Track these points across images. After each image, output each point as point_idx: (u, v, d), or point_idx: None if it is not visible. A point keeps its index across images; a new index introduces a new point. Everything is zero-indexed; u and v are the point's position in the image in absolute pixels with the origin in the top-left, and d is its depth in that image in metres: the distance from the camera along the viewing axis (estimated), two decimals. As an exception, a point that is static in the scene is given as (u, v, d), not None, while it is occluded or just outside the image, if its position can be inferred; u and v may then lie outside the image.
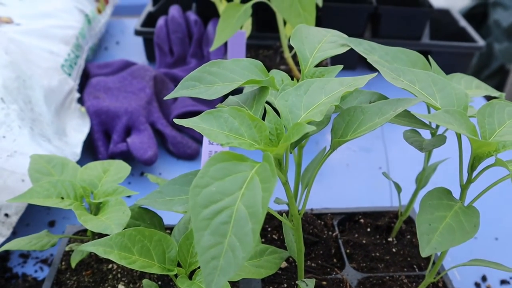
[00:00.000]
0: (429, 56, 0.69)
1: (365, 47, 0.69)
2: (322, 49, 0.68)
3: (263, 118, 0.54)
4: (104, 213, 0.68)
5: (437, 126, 0.67)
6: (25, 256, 0.94)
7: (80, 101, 1.25)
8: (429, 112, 0.68)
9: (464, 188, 0.58)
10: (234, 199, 0.44)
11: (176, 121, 0.56)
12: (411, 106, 0.51)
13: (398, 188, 0.75)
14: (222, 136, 0.53)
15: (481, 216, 1.03)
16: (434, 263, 0.67)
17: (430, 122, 0.62)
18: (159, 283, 0.73)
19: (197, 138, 1.22)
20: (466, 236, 0.48)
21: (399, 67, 0.61)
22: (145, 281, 0.65)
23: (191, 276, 0.61)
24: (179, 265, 0.62)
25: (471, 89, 0.72)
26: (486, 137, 0.53)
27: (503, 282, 0.88)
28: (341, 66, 0.65)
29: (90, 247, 0.58)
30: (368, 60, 0.64)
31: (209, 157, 0.83)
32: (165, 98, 0.60)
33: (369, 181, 1.11)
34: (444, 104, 0.57)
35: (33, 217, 1.01)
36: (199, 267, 0.61)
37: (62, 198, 0.70)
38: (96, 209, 0.71)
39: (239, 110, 0.54)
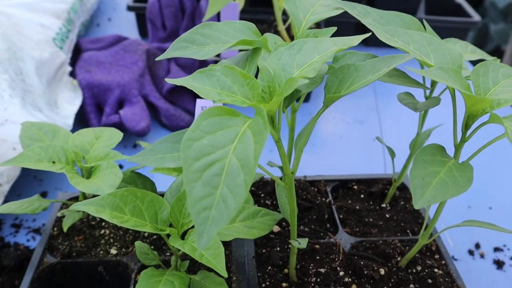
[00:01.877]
0: (423, 20, 0.68)
1: (359, 10, 0.68)
2: (315, 12, 0.67)
3: (256, 78, 0.53)
4: (96, 177, 0.68)
5: (432, 86, 0.66)
6: (17, 226, 0.93)
7: (72, 75, 1.24)
8: (423, 76, 0.68)
9: (458, 147, 0.57)
10: (226, 152, 0.44)
11: (168, 80, 0.55)
12: (404, 61, 0.51)
13: (392, 153, 0.75)
14: (214, 94, 0.53)
15: (475, 186, 1.03)
16: (427, 226, 0.66)
17: (424, 82, 0.62)
18: (152, 247, 0.73)
19: (190, 111, 1.21)
20: (459, 189, 0.48)
21: (393, 28, 0.60)
22: (137, 243, 0.65)
23: (183, 236, 0.61)
24: (171, 226, 0.62)
25: (466, 53, 0.72)
26: (481, 95, 0.53)
27: (496, 249, 0.88)
28: (335, 28, 0.64)
29: (82, 206, 0.57)
30: (362, 22, 0.63)
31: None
32: (157, 58, 0.59)
33: (363, 152, 1.11)
34: (438, 63, 0.56)
35: (24, 188, 1.00)
36: (191, 228, 0.61)
37: (54, 162, 0.69)
38: (88, 174, 0.71)
39: (232, 69, 0.53)
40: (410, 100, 0.64)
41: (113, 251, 0.72)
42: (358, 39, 0.56)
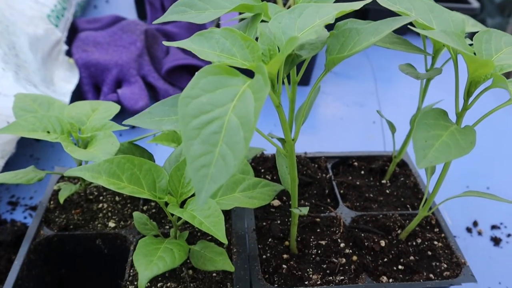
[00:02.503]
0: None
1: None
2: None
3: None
4: (93, 146, 0.67)
5: (434, 57, 0.66)
6: (13, 203, 0.93)
7: (69, 55, 1.23)
8: (424, 45, 0.67)
9: (459, 115, 0.57)
10: (225, 110, 0.43)
11: (165, 43, 0.54)
12: (407, 22, 0.50)
13: (392, 128, 0.75)
14: (213, 56, 0.52)
15: (473, 167, 1.03)
16: (427, 199, 0.66)
17: (425, 47, 0.61)
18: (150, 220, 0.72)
19: (189, 92, 1.20)
20: (462, 151, 0.47)
21: (395, -5, 0.60)
22: (135, 213, 0.64)
23: (182, 206, 0.60)
24: (170, 195, 0.61)
25: (467, 26, 0.71)
26: (484, 60, 0.52)
27: (493, 227, 0.88)
28: (336, -6, 0.63)
29: (78, 172, 0.56)
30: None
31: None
32: (154, 22, 0.58)
33: (362, 134, 1.10)
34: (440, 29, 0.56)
35: (20, 166, 0.99)
36: (190, 197, 0.60)
37: (48, 132, 0.68)
38: (84, 145, 0.70)
39: (231, 31, 0.52)
40: (412, 70, 0.63)
41: (111, 224, 0.72)
42: (359, 4, 0.55)
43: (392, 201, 0.76)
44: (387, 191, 0.78)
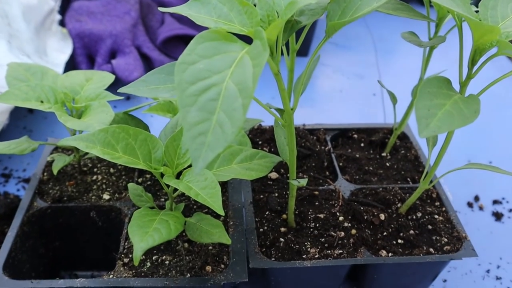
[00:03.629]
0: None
1: None
2: None
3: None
4: (87, 116, 0.65)
5: (438, 25, 0.64)
6: (6, 176, 0.91)
7: (62, 25, 1.20)
8: (428, 13, 0.65)
9: (463, 85, 0.55)
10: (223, 77, 0.42)
11: (160, 9, 0.52)
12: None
13: (394, 99, 0.73)
14: (209, 21, 0.50)
15: (475, 140, 1.02)
16: (428, 172, 0.65)
17: (429, 14, 0.59)
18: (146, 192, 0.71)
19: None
20: (465, 121, 0.45)
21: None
22: (130, 185, 0.63)
23: (178, 177, 0.59)
24: (166, 166, 0.60)
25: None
26: (491, 27, 0.50)
27: (495, 202, 0.87)
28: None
29: (72, 141, 0.55)
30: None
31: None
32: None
33: (362, 106, 1.08)
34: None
35: (13, 138, 0.97)
36: (186, 168, 0.58)
37: (42, 102, 0.66)
38: (78, 115, 0.68)
39: (229, -5, 0.50)
40: (414, 38, 0.61)
41: (106, 196, 0.70)
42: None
43: (392, 174, 0.75)
44: (387, 164, 0.76)
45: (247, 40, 0.47)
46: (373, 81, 1.16)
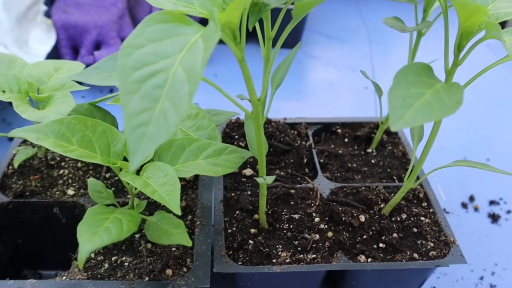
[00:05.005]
0: None
1: None
2: None
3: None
4: (48, 107, 0.61)
5: (426, 11, 0.59)
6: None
7: (48, 16, 1.16)
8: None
9: (449, 73, 0.50)
10: (172, 62, 0.38)
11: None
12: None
13: (379, 91, 0.68)
14: (167, 3, 0.46)
15: (472, 136, 0.96)
16: (413, 169, 0.59)
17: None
18: (112, 188, 0.66)
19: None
20: (445, 112, 0.40)
21: None
22: (90, 180, 0.58)
23: (139, 172, 0.54)
24: (126, 160, 0.55)
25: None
26: (478, 8, 0.45)
27: (492, 202, 0.81)
28: None
29: (22, 132, 0.50)
30: None
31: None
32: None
33: (353, 100, 1.03)
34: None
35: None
36: (148, 162, 0.54)
37: (4, 91, 0.62)
38: (43, 106, 0.64)
39: (190, -26, 0.46)
40: (397, 23, 0.56)
41: (70, 191, 0.66)
42: None
43: (377, 172, 0.70)
44: (373, 161, 0.71)
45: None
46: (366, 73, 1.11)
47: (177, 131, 0.62)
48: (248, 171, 0.67)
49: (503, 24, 0.46)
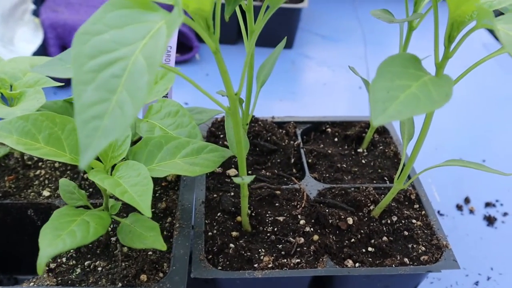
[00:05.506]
0: None
1: None
2: None
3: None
4: (19, 103, 0.58)
5: (416, 4, 0.56)
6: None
7: (37, 15, 1.14)
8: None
9: (439, 66, 0.47)
10: (132, 49, 0.35)
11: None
12: None
13: (369, 86, 0.64)
14: None
15: (467, 136, 0.93)
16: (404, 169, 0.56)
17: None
18: (90, 189, 0.64)
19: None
20: (434, 105, 0.37)
21: None
22: (62, 180, 0.55)
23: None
24: (98, 160, 0.52)
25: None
26: None
27: (488, 204, 0.78)
28: None
29: (-18, 129, 0.48)
30: None
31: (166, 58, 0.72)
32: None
33: (348, 100, 1.00)
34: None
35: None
36: (121, 161, 0.51)
37: (-26, 88, 0.59)
38: (16, 103, 0.61)
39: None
40: (385, 15, 0.53)
41: (46, 193, 0.63)
42: None
43: (368, 172, 0.66)
44: (363, 161, 0.68)
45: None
46: (360, 73, 1.08)
47: (156, 129, 0.59)
48: (232, 171, 0.64)
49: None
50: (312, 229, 0.56)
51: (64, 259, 0.54)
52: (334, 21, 1.30)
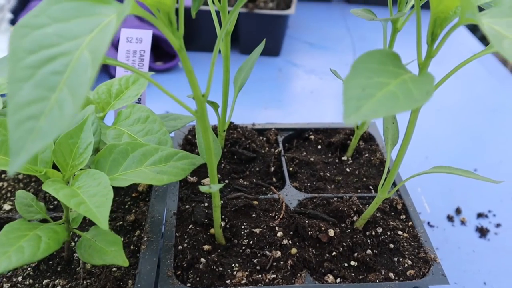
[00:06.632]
0: None
1: None
2: None
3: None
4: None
5: (400, 4, 0.53)
6: None
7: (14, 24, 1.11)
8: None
9: (423, 66, 0.43)
10: (77, 44, 0.32)
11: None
12: None
13: (352, 91, 0.61)
14: None
15: (459, 145, 0.90)
16: (388, 176, 0.53)
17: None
18: (56, 202, 0.60)
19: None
20: (413, 103, 0.34)
21: None
22: (19, 192, 0.51)
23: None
24: (55, 168, 0.48)
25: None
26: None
27: (480, 215, 0.74)
28: None
29: None
30: None
31: (126, 58, 0.69)
32: None
33: (335, 108, 0.97)
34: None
35: None
36: (80, 170, 0.47)
37: None
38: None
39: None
40: (366, 14, 0.50)
41: (7, 206, 0.59)
42: None
43: (352, 181, 0.63)
44: (348, 170, 0.64)
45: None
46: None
47: (124, 136, 0.55)
48: (207, 181, 0.60)
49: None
50: (290, 241, 0.52)
51: (20, 278, 0.50)
52: (323, 29, 1.28)
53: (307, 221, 0.54)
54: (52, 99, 0.30)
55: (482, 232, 0.71)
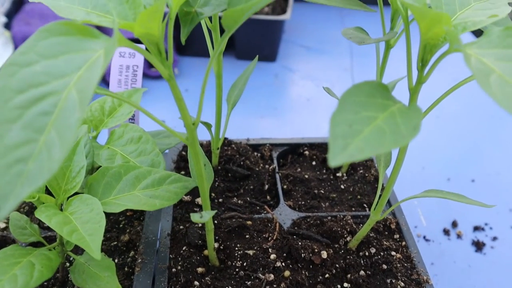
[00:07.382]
0: None
1: None
2: None
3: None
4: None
5: (393, 21, 0.53)
6: None
7: (8, 28, 1.10)
8: (381, 8, 0.53)
9: (413, 91, 0.43)
10: (66, 83, 0.32)
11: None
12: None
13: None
14: (79, 12, 0.40)
15: (456, 155, 0.89)
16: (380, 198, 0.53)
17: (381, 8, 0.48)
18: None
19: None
20: (400, 140, 0.33)
21: None
22: (13, 214, 0.51)
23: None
24: (49, 193, 0.49)
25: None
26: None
27: (476, 228, 0.74)
28: None
29: None
30: None
31: (119, 73, 0.69)
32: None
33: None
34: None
35: None
36: (72, 195, 0.47)
37: None
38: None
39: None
40: (356, 34, 0.50)
41: (1, 224, 0.59)
42: None
43: (346, 198, 0.63)
44: (342, 186, 0.64)
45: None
46: (346, 88, 1.04)
47: (117, 156, 0.55)
48: (201, 200, 0.60)
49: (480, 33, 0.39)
50: (283, 264, 0.52)
51: (13, 301, 0.50)
52: (320, 32, 1.27)
53: (300, 243, 0.54)
54: (41, 141, 0.29)
55: (478, 246, 0.71)
